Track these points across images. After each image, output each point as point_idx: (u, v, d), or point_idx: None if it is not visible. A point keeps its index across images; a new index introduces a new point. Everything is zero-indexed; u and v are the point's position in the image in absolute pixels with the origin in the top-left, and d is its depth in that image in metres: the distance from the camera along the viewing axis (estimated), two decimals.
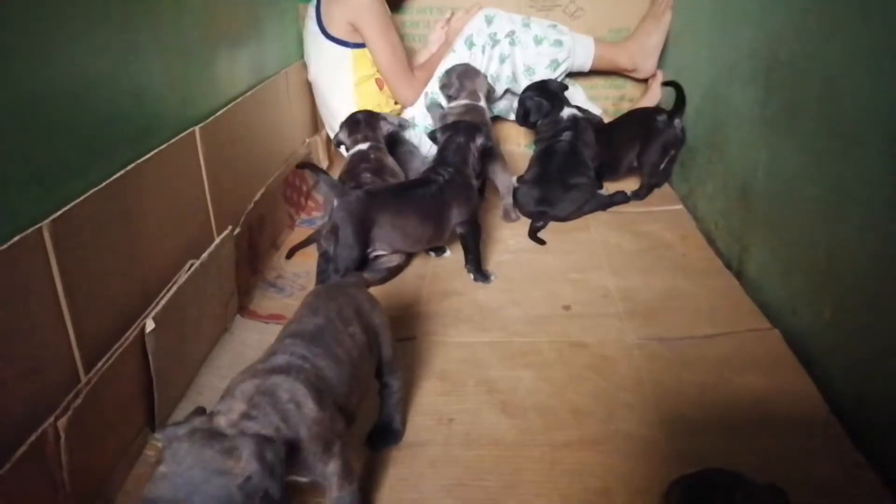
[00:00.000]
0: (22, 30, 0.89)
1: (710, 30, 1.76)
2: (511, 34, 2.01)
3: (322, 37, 1.97)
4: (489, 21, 1.99)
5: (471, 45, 1.98)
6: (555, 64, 2.06)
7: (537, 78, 2.04)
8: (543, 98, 1.94)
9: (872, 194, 1.02)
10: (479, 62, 1.99)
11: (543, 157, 1.91)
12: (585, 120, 1.95)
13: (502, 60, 2.03)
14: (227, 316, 1.40)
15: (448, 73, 1.90)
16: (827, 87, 1.15)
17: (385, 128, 1.81)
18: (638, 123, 1.99)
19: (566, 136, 1.90)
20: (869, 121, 1.03)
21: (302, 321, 0.93)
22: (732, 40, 1.59)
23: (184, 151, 1.29)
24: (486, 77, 1.92)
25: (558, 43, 2.05)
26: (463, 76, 1.88)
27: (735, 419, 1.10)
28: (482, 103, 1.88)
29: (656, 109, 2.02)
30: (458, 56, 1.99)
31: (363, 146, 1.74)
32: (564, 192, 1.85)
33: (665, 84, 2.04)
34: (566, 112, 1.93)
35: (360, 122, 1.78)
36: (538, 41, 2.04)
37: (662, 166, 1.97)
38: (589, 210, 1.88)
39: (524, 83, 2.04)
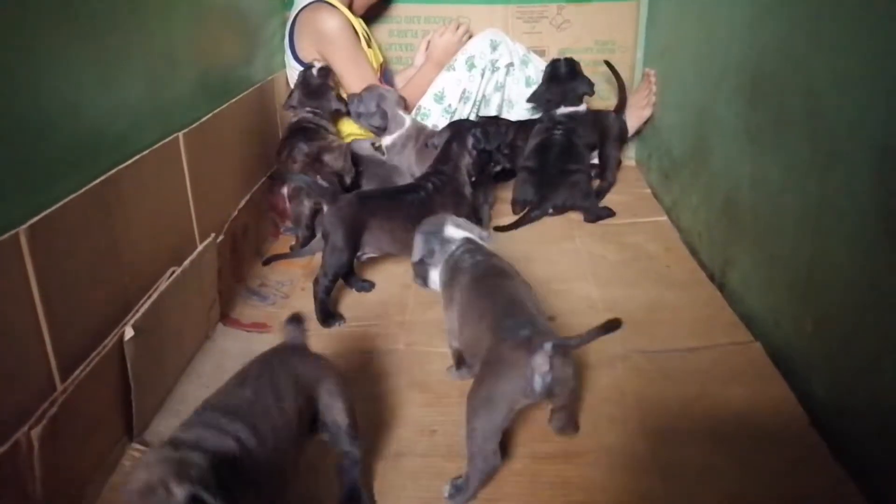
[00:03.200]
0: (3, 35, 0.88)
1: (697, 44, 1.78)
2: (509, 66, 2.03)
3: (296, 63, 1.97)
4: (494, 47, 2.00)
5: (471, 66, 1.99)
6: (532, 109, 2.10)
7: (515, 111, 2.13)
8: (552, 86, 2.02)
9: (855, 207, 1.03)
10: (476, 83, 2.00)
11: (540, 150, 1.96)
12: (583, 114, 2.02)
13: (497, 88, 2.05)
14: (209, 324, 1.38)
15: (364, 101, 1.87)
16: (811, 101, 1.16)
17: (333, 105, 1.85)
18: (591, 125, 2.07)
19: (560, 129, 1.96)
20: (852, 135, 1.04)
21: (228, 393, 0.85)
22: (718, 55, 1.61)
23: (167, 158, 1.28)
24: (394, 98, 1.90)
25: None
26: (383, 102, 1.86)
27: (717, 431, 1.10)
28: (407, 119, 1.89)
29: (604, 111, 2.14)
30: (457, 75, 1.99)
31: (308, 114, 1.82)
32: (563, 177, 1.91)
33: (606, 63, 2.16)
34: (563, 109, 2.00)
35: (313, 92, 1.84)
36: (529, 83, 2.08)
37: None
38: (582, 206, 1.91)
39: (505, 113, 2.12)
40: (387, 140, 1.89)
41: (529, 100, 2.05)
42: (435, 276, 1.18)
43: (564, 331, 1.38)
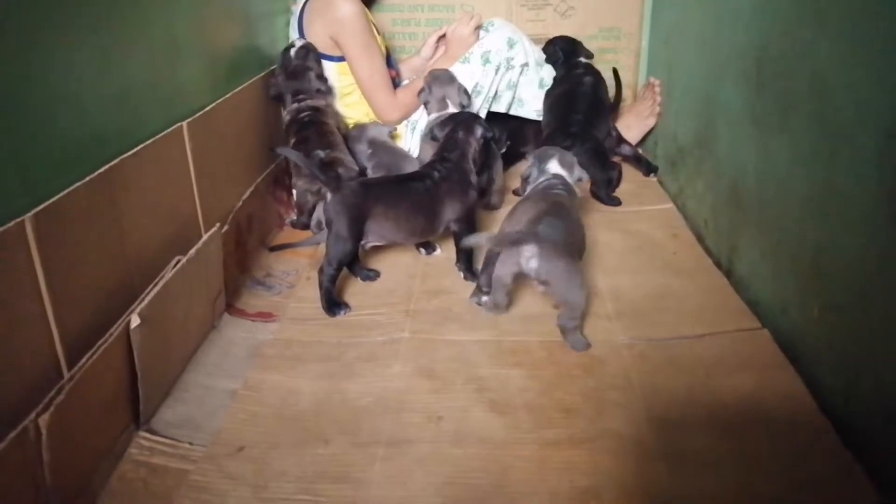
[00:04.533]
0: (5, 24, 0.87)
1: (701, 29, 1.76)
2: (524, 66, 2.02)
3: None
4: (510, 45, 1.98)
5: (486, 61, 1.97)
6: (541, 112, 2.09)
7: (525, 108, 2.11)
8: (558, 47, 2.11)
9: (862, 193, 1.02)
10: (489, 78, 1.98)
11: (564, 100, 1.99)
12: (597, 71, 2.09)
13: (509, 87, 2.03)
14: (215, 313, 1.39)
15: (425, 77, 1.88)
16: (817, 85, 1.15)
17: (314, 85, 1.83)
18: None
19: (582, 74, 2.01)
20: (859, 119, 1.03)
21: None
22: (723, 39, 1.59)
23: (171, 147, 1.28)
24: (461, 87, 1.85)
25: None
26: (434, 82, 1.84)
27: (724, 418, 1.09)
28: (450, 109, 1.84)
29: None
30: (471, 68, 1.97)
31: (294, 105, 1.81)
32: (586, 130, 1.93)
33: (614, 71, 2.20)
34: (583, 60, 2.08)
35: (293, 73, 1.82)
36: (541, 85, 2.09)
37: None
38: (597, 174, 1.91)
39: (514, 111, 2.11)
40: (434, 116, 1.85)
41: (547, 60, 2.09)
42: (529, 189, 1.48)
43: None
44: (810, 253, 1.17)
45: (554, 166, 1.46)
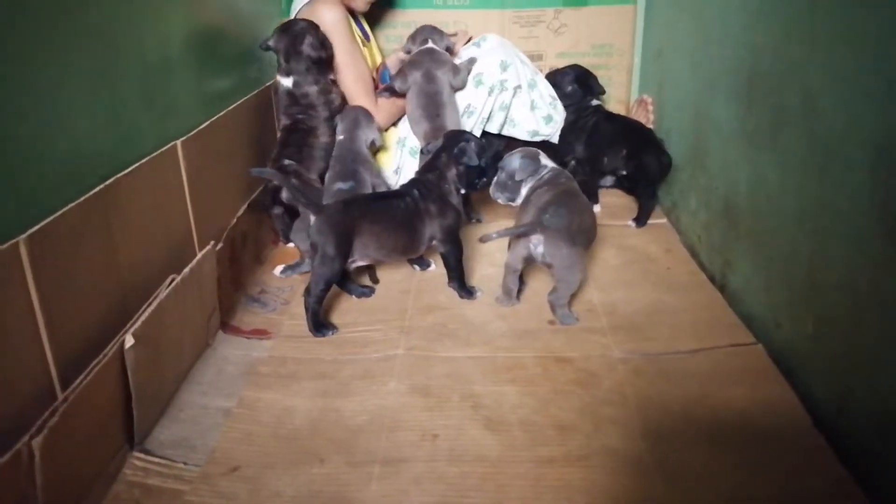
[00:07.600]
0: None
1: (693, 46, 1.78)
2: (517, 89, 2.02)
3: None
4: (504, 68, 1.99)
5: (479, 83, 1.97)
6: (533, 133, 2.08)
7: (517, 129, 2.09)
8: (578, 85, 2.12)
9: (853, 207, 1.03)
10: (482, 100, 1.98)
11: (583, 131, 2.06)
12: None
13: (502, 108, 2.03)
14: (209, 331, 1.38)
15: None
16: (808, 102, 1.16)
17: (307, 51, 1.78)
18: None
19: (597, 116, 2.07)
20: (849, 135, 1.04)
21: None
22: (714, 56, 1.61)
23: (165, 166, 1.28)
24: (445, 35, 1.96)
25: (549, 119, 2.08)
26: (420, 30, 1.94)
27: (719, 433, 1.10)
28: (436, 46, 1.93)
29: None
30: (464, 91, 1.99)
31: (287, 82, 1.78)
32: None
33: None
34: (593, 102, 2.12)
35: (289, 50, 1.78)
36: (533, 107, 2.07)
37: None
38: (653, 182, 1.96)
39: (507, 132, 2.09)
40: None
41: (564, 99, 2.12)
42: (524, 190, 1.52)
43: (565, 335, 1.39)
44: (803, 267, 1.18)
45: (545, 160, 1.55)
